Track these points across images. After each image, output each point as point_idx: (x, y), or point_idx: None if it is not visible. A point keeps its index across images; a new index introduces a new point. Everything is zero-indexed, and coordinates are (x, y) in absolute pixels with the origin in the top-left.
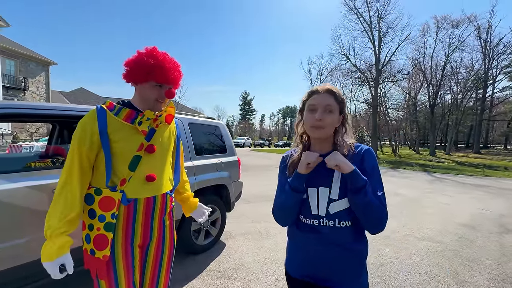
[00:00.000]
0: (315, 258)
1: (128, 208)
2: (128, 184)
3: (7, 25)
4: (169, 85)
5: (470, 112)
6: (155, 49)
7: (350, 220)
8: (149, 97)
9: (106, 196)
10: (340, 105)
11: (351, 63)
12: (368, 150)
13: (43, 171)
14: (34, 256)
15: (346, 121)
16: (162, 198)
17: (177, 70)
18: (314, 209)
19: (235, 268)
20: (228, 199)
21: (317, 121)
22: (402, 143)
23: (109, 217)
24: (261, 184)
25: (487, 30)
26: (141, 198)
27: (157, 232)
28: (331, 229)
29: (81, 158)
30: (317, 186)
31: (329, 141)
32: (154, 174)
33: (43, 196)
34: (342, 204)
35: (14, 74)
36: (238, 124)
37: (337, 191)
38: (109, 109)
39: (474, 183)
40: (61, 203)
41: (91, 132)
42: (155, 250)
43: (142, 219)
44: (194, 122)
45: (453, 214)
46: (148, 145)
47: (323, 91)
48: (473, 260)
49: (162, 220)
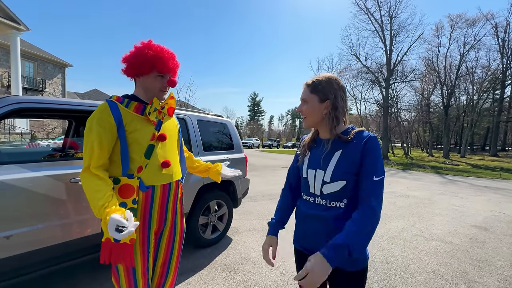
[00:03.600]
0: (309, 230)
1: (146, 194)
2: (145, 171)
3: (27, 29)
4: (169, 74)
5: (486, 113)
6: (151, 42)
7: (341, 202)
8: (153, 88)
9: (125, 184)
10: (317, 94)
11: (361, 64)
12: (369, 139)
13: (58, 162)
14: (53, 240)
15: (331, 107)
16: (175, 185)
17: (174, 59)
18: (311, 188)
19: (241, 261)
20: (235, 195)
21: (300, 113)
22: (415, 145)
23: (130, 203)
24: (268, 183)
25: (505, 28)
26: (158, 185)
27: (171, 217)
28: (323, 208)
29: (103, 151)
30: (315, 168)
31: (325, 128)
32: (168, 160)
33: (60, 184)
34: (333, 187)
35: (32, 76)
36: (247, 125)
37: (330, 175)
38: (119, 102)
39: (489, 186)
40: (93, 188)
41: (109, 125)
42: (168, 235)
43: (158, 205)
44: (202, 119)
45: (465, 215)
46: (160, 134)
47: (303, 87)
48: (484, 261)
49: (175, 206)
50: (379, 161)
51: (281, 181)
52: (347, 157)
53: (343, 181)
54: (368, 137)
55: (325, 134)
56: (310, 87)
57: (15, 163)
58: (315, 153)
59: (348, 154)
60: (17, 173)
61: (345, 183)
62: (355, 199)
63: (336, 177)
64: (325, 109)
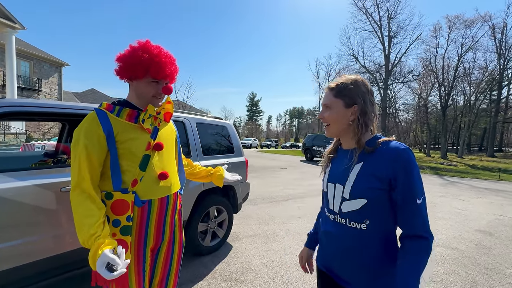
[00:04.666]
0: (329, 250)
1: (142, 210)
2: (140, 184)
3: (23, 27)
4: (166, 81)
5: (483, 114)
6: (149, 43)
7: (362, 223)
8: (146, 94)
9: (119, 200)
10: (343, 98)
11: (359, 64)
12: (403, 152)
13: (48, 170)
14: (45, 253)
15: (360, 113)
16: (174, 197)
17: (173, 64)
18: (331, 204)
19: (242, 271)
20: (235, 200)
21: (322, 120)
22: (413, 146)
23: (125, 221)
24: (268, 185)
25: (502, 29)
26: (155, 199)
27: (169, 232)
28: (343, 227)
29: (92, 166)
30: (334, 182)
31: (350, 137)
32: (166, 172)
33: (50, 194)
34: (352, 205)
35: (28, 75)
36: (245, 125)
37: (349, 191)
38: (109, 111)
39: (490, 188)
40: (83, 213)
41: (97, 137)
42: (165, 251)
43: (155, 221)
44: (202, 122)
45: (469, 219)
46: (156, 143)
47: (325, 91)
48: (492, 268)
49: (173, 219)
50: (419, 179)
51: (281, 183)
52: (370, 171)
53: (363, 200)
54: (401, 150)
55: (349, 144)
56: (334, 90)
57: (1, 172)
58: (336, 165)
59: (370, 167)
60: (3, 183)
61: (366, 201)
62: (379, 220)
63: (356, 193)
64: (352, 115)
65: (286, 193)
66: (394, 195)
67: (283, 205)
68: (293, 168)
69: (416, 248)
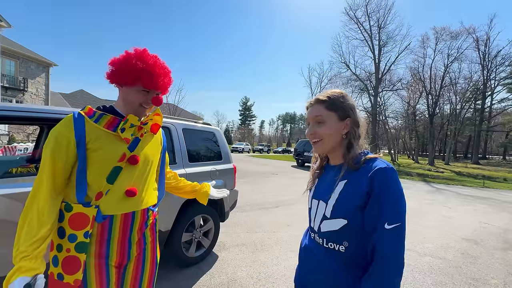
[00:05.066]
0: (306, 270)
1: (102, 225)
2: (105, 199)
3: (9, 25)
4: (157, 91)
5: (468, 122)
6: (146, 51)
7: (340, 245)
8: (133, 102)
9: (78, 213)
10: (337, 111)
11: (351, 72)
12: (382, 170)
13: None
14: None
15: (353, 126)
16: (142, 214)
17: (167, 76)
18: (312, 221)
19: (226, 283)
20: (222, 209)
21: (310, 135)
22: (401, 152)
23: (82, 236)
24: (258, 191)
25: (485, 42)
26: (117, 214)
27: (136, 250)
28: (320, 247)
29: (55, 172)
30: (318, 199)
31: (338, 152)
32: (135, 189)
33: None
34: (332, 225)
35: (14, 75)
36: (238, 129)
37: (330, 209)
38: (88, 116)
39: (475, 195)
40: (27, 223)
41: (66, 142)
42: (134, 270)
43: (118, 237)
44: (188, 128)
45: (455, 227)
46: (131, 156)
47: (313, 103)
48: (478, 279)
49: (142, 237)
50: (396, 202)
51: (272, 189)
52: (352, 189)
53: (343, 220)
54: (382, 168)
55: (338, 160)
56: (326, 103)
57: None
58: (322, 182)
59: (352, 186)
60: None
61: (346, 222)
62: (358, 243)
63: (336, 213)
64: (344, 129)
65: (276, 199)
66: (364, 215)
67: (273, 212)
68: (285, 174)
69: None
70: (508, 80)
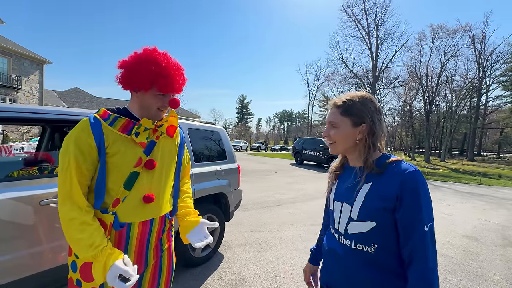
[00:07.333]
0: (333, 270)
1: (119, 233)
2: (122, 205)
3: (1, 22)
4: (173, 94)
5: (464, 120)
6: (156, 51)
7: (369, 246)
8: (151, 106)
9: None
10: (350, 117)
11: (348, 69)
12: (412, 174)
13: (28, 181)
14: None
15: (368, 132)
16: (160, 221)
17: (182, 77)
18: (336, 223)
19: (234, 283)
20: (227, 208)
21: (324, 138)
22: (398, 149)
23: None
24: (258, 190)
25: (481, 40)
26: (135, 222)
27: (154, 258)
28: (347, 248)
29: (83, 177)
30: (342, 201)
31: (357, 155)
32: (153, 194)
33: (28, 208)
34: (360, 227)
35: (6, 72)
36: (235, 127)
37: (357, 212)
38: (103, 119)
39: (472, 192)
40: (78, 227)
41: (88, 147)
42: (150, 278)
43: (136, 246)
44: (194, 128)
45: (455, 224)
46: (148, 160)
47: (330, 107)
48: (480, 275)
49: (159, 243)
50: (428, 204)
51: (272, 188)
52: (379, 192)
53: (372, 222)
54: (411, 172)
55: (356, 162)
56: (341, 108)
57: None
58: (343, 183)
59: (380, 189)
60: None
61: (375, 224)
62: (388, 244)
63: (364, 215)
64: (359, 134)
65: (277, 198)
66: (397, 218)
67: (275, 210)
68: (284, 172)
69: (419, 280)
70: (503, 77)
